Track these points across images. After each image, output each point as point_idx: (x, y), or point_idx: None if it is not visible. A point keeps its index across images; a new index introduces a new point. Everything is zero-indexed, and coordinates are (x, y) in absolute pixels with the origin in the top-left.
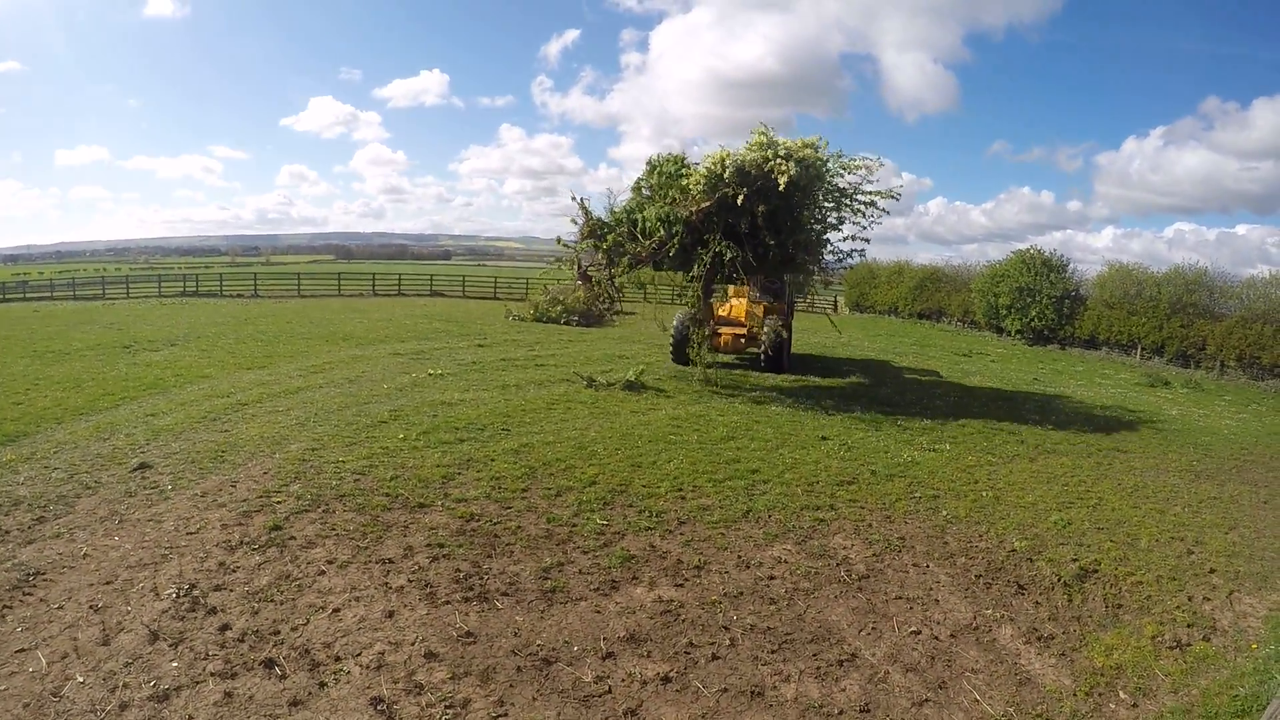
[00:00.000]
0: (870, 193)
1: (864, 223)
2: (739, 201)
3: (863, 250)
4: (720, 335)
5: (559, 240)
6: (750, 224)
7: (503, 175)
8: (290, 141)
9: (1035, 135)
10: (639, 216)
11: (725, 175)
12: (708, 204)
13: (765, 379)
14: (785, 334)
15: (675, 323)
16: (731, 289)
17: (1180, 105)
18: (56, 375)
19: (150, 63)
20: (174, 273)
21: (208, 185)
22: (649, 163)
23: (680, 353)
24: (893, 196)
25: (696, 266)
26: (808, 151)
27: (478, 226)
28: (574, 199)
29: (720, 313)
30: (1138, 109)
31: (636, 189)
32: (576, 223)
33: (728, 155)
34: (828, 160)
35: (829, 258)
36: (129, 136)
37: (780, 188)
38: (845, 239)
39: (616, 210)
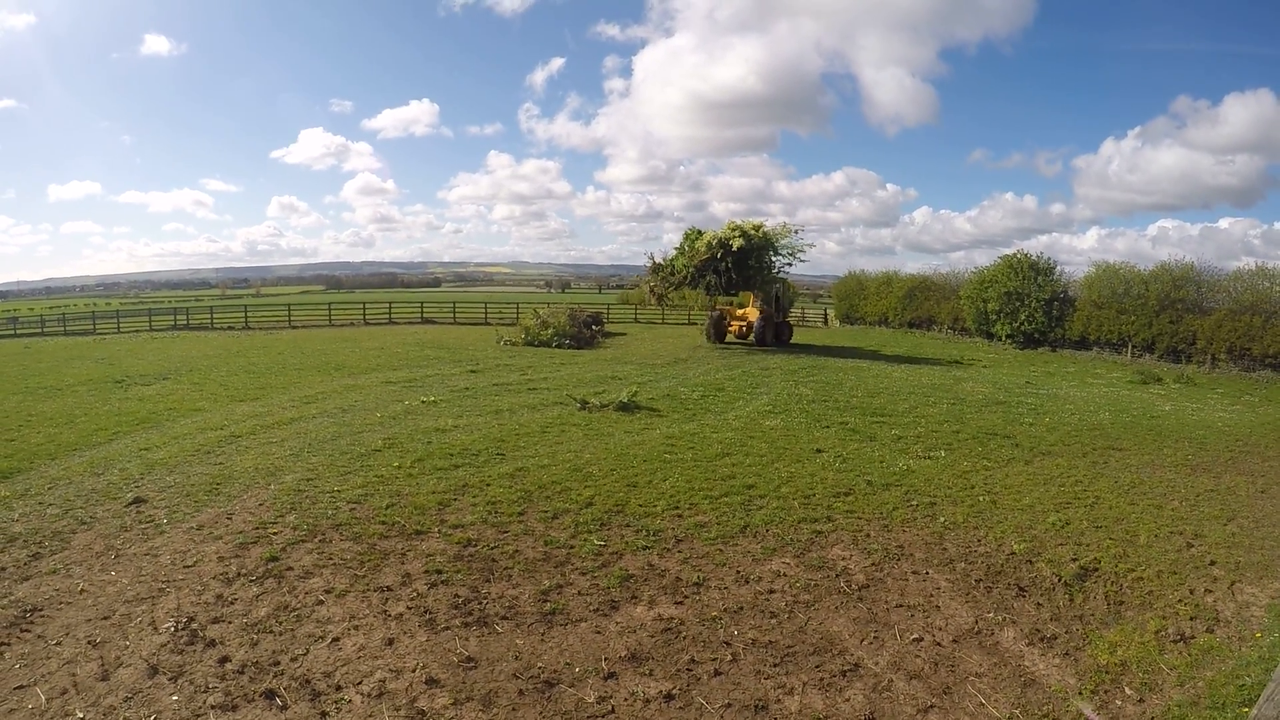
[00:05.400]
0: (797, 245)
1: (796, 260)
2: (719, 255)
3: (787, 272)
4: (734, 324)
5: (647, 278)
6: (725, 267)
7: (491, 201)
8: (281, 174)
9: (1013, 142)
10: (674, 264)
11: (713, 244)
12: (706, 256)
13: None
14: (766, 324)
15: (708, 321)
16: (746, 298)
17: (1153, 105)
18: (49, 411)
19: (146, 99)
20: (164, 306)
21: (198, 218)
22: (685, 232)
23: (715, 334)
24: (808, 246)
25: (704, 287)
26: (757, 232)
27: (467, 253)
28: (648, 255)
29: (736, 313)
30: (1112, 111)
31: (680, 247)
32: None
33: (715, 235)
34: (771, 235)
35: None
36: (122, 171)
37: (734, 249)
38: (779, 270)
39: (666, 260)
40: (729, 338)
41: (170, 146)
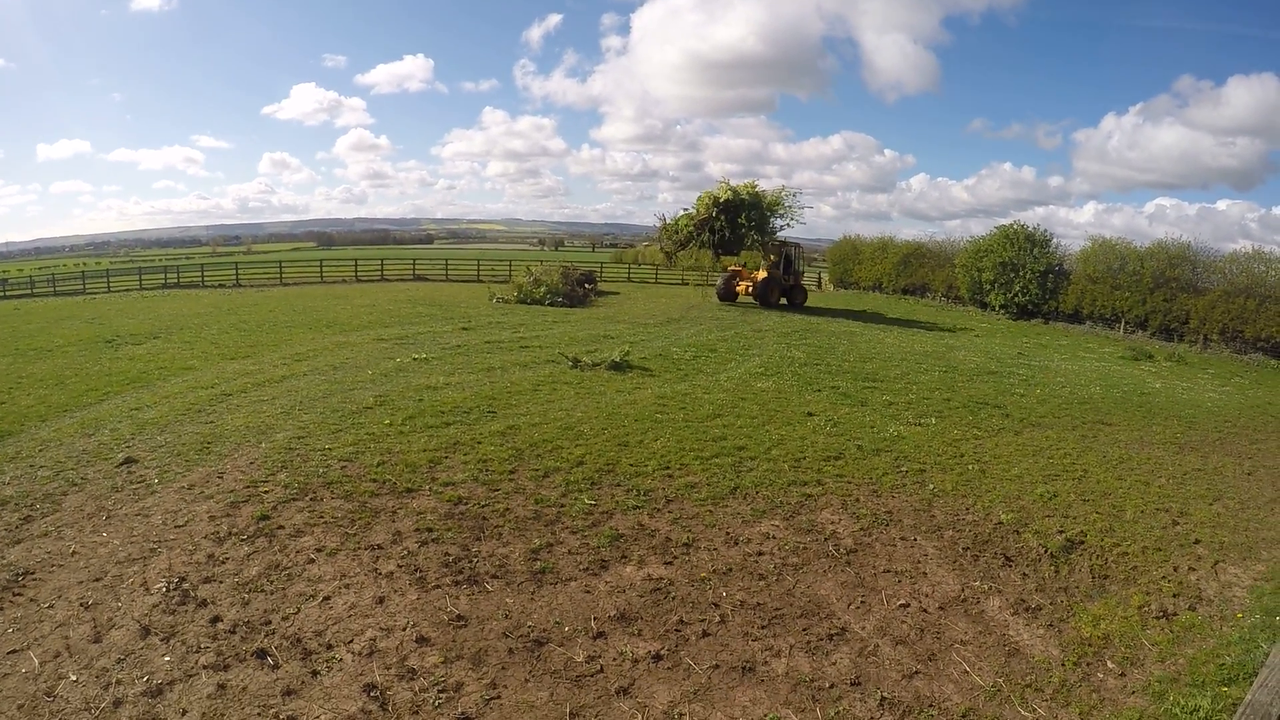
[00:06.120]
0: (789, 206)
1: (789, 221)
2: (714, 214)
3: (783, 230)
4: (743, 284)
5: (658, 237)
6: (719, 224)
7: (485, 158)
8: (273, 130)
9: (1013, 112)
10: (678, 224)
11: (709, 203)
12: (703, 216)
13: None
14: (770, 285)
15: (720, 280)
16: (751, 258)
17: (1155, 83)
18: (39, 372)
19: (136, 56)
20: (155, 265)
21: (189, 175)
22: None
23: (724, 295)
24: (805, 209)
25: (695, 245)
26: (748, 192)
27: (460, 210)
28: (660, 216)
29: (745, 273)
30: (1114, 87)
31: (688, 210)
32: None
33: (710, 193)
34: (762, 195)
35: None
36: (112, 129)
37: (722, 201)
38: (781, 229)
39: (672, 221)
40: (741, 298)
41: (161, 103)
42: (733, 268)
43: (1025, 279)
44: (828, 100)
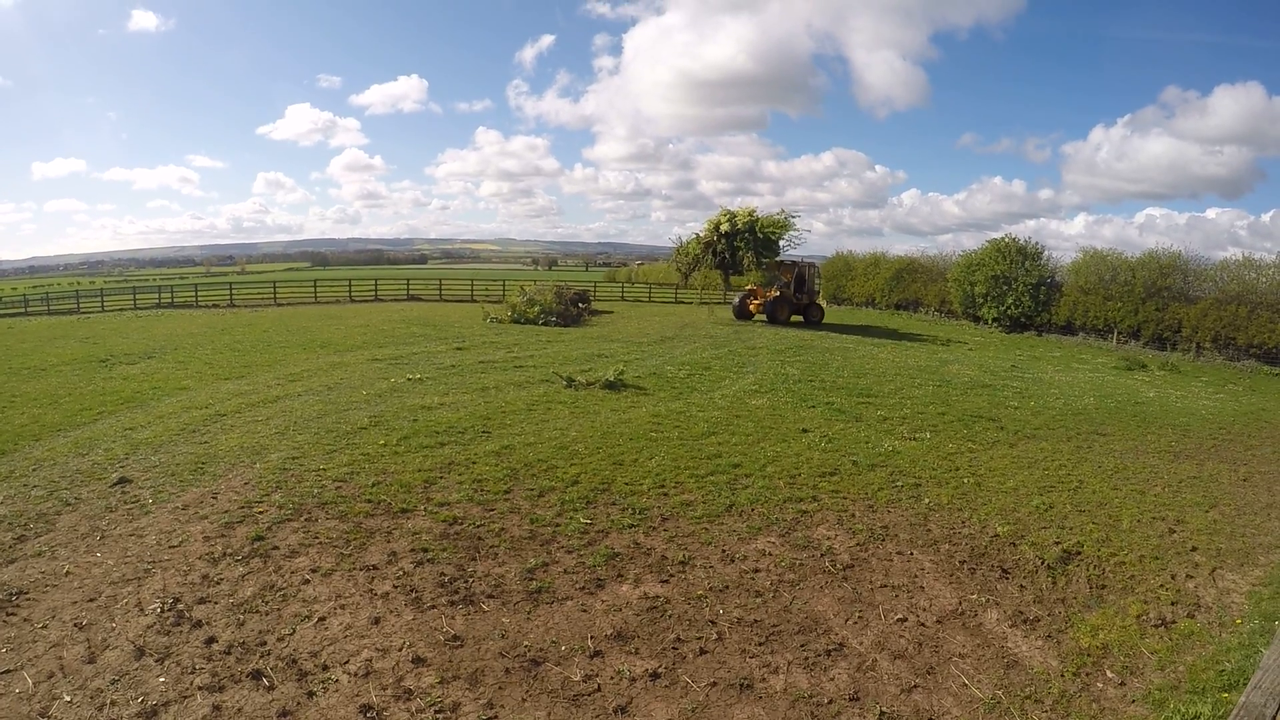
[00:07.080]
0: (787, 223)
1: (790, 242)
2: (715, 238)
3: (784, 250)
4: (754, 303)
5: (673, 258)
6: (721, 248)
7: (479, 178)
8: (267, 150)
9: (1003, 127)
10: (688, 248)
11: (713, 228)
12: (708, 240)
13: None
14: (777, 304)
15: (736, 299)
16: (766, 282)
17: (1142, 94)
18: (33, 391)
19: (132, 75)
20: (149, 284)
21: (184, 195)
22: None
23: (739, 314)
24: (805, 231)
25: (704, 266)
26: (744, 216)
27: (454, 230)
28: (677, 237)
29: (757, 295)
30: (1102, 99)
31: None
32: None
33: (714, 219)
34: (758, 221)
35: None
36: (107, 148)
37: (724, 233)
38: (784, 249)
39: (684, 245)
40: (756, 316)
41: (156, 123)
42: (748, 287)
43: (1018, 292)
44: (818, 117)
